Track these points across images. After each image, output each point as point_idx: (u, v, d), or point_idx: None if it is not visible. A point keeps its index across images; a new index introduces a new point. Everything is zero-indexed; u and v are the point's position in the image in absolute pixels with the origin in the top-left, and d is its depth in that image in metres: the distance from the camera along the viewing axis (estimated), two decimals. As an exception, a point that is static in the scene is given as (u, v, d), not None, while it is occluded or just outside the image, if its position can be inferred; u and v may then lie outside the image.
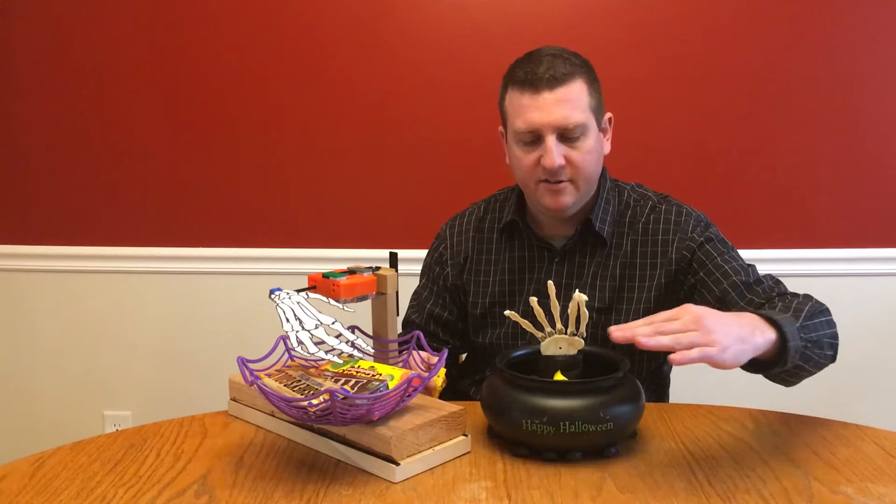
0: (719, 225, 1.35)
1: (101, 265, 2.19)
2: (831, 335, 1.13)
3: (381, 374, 1.02)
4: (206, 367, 2.18)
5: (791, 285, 1.24)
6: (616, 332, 0.94)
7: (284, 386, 1.01)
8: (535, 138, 1.24)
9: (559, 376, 1.06)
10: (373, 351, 1.16)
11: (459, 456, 1.02)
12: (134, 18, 2.09)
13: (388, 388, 0.98)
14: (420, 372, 1.12)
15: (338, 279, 1.10)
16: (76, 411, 2.24)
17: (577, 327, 1.07)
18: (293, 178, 2.13)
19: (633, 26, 2.01)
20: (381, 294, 1.15)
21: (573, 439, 0.98)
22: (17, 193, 2.20)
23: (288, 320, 1.00)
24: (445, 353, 1.05)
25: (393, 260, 1.20)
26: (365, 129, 2.09)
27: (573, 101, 1.22)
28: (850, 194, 2.04)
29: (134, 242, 2.18)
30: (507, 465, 1.00)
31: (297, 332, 0.99)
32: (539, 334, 1.08)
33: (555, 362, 1.07)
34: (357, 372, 1.04)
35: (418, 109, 2.07)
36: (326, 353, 1.00)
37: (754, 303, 1.20)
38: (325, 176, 2.12)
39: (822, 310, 1.14)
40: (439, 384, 1.14)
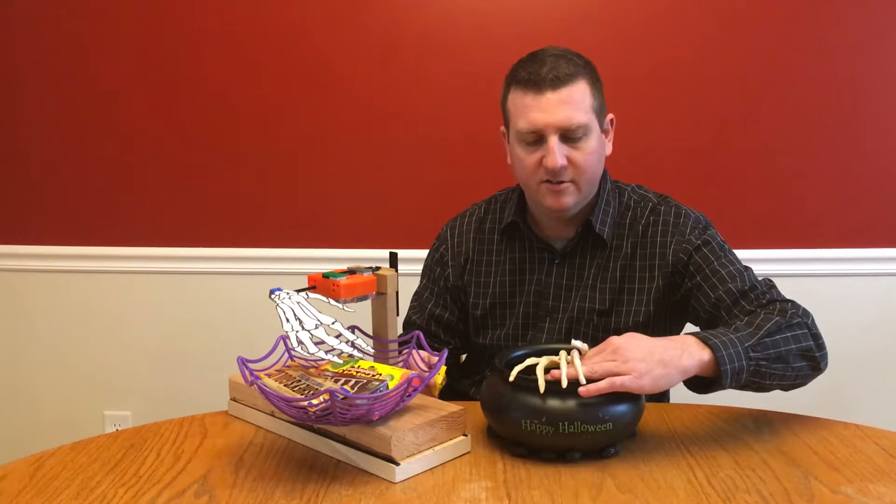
0: (719, 225, 1.35)
1: (101, 265, 2.19)
2: (804, 348, 1.12)
3: (381, 374, 1.02)
4: (206, 367, 2.18)
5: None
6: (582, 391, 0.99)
7: (284, 386, 1.01)
8: (538, 138, 1.24)
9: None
10: (373, 351, 1.16)
11: (459, 456, 1.03)
12: (133, 17, 2.09)
13: (388, 388, 0.98)
14: (421, 370, 1.12)
15: (338, 279, 1.10)
16: (76, 411, 2.24)
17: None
18: (293, 179, 2.13)
19: (633, 26, 2.00)
20: (381, 294, 1.15)
21: (572, 439, 0.98)
22: (17, 193, 2.19)
23: (288, 320, 1.00)
24: (446, 352, 1.05)
25: (393, 260, 1.20)
26: (365, 130, 2.09)
27: (576, 101, 1.22)
28: (850, 194, 2.04)
29: (134, 242, 2.18)
30: (506, 465, 1.00)
31: (297, 332, 0.99)
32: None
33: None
34: (357, 372, 1.04)
35: (419, 109, 2.07)
36: (326, 353, 1.00)
37: (745, 310, 1.21)
38: (325, 176, 2.12)
39: (794, 323, 1.13)
40: (439, 381, 1.14)
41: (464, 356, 1.51)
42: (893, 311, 2.07)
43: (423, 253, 1.50)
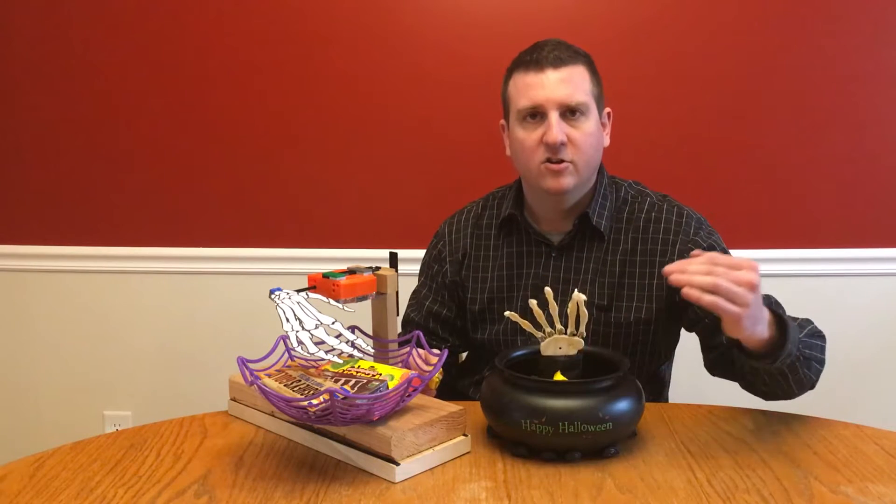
0: (719, 224, 1.35)
1: (101, 265, 2.19)
2: (820, 360, 1.15)
3: (381, 374, 1.02)
4: (206, 367, 2.18)
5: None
6: (674, 272, 0.96)
7: (284, 386, 1.01)
8: (539, 115, 1.26)
9: (559, 376, 1.06)
10: (373, 351, 1.16)
11: (459, 456, 1.02)
12: (134, 17, 2.09)
13: (388, 388, 0.98)
14: (421, 369, 1.12)
15: (338, 279, 1.10)
16: (76, 411, 2.24)
17: (577, 327, 1.07)
18: (293, 179, 2.13)
19: (633, 24, 2.01)
20: (381, 294, 1.15)
21: (572, 439, 0.98)
22: (17, 193, 2.20)
23: (288, 320, 1.00)
24: (445, 352, 1.05)
25: (393, 260, 1.20)
26: (365, 130, 2.09)
27: (576, 81, 1.25)
28: (850, 194, 2.04)
29: (134, 242, 2.18)
30: (506, 465, 1.00)
31: (297, 332, 0.99)
32: (538, 334, 1.08)
33: (555, 362, 1.07)
34: (357, 372, 1.04)
35: (418, 110, 2.07)
36: (326, 353, 1.00)
37: None
38: (325, 176, 2.12)
39: (820, 334, 1.17)
40: (436, 377, 1.15)
41: (463, 355, 1.51)
42: (893, 311, 2.07)
43: (423, 253, 1.50)
